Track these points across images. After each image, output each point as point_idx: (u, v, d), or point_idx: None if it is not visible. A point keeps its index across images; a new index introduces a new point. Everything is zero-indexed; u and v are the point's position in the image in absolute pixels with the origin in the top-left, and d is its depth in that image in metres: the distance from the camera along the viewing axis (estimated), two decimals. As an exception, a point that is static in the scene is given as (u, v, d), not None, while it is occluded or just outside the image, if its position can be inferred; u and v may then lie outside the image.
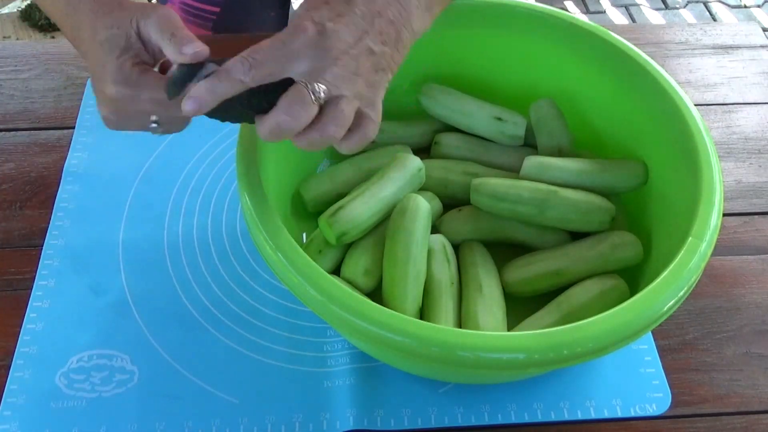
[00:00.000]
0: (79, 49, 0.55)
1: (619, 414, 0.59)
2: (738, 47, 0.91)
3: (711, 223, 0.53)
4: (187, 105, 0.47)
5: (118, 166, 0.75)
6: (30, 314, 0.64)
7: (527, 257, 0.64)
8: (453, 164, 0.70)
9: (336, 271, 0.64)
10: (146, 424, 0.58)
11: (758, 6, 2.34)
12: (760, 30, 0.94)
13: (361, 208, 0.61)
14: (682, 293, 0.50)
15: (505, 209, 0.64)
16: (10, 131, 0.79)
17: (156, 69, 0.53)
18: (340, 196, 0.64)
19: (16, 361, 0.61)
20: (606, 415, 0.59)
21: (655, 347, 0.63)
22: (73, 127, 0.79)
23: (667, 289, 0.50)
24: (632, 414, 0.59)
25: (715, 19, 2.26)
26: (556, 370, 0.61)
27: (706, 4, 2.33)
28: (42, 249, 0.68)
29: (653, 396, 0.60)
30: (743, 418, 0.60)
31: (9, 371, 0.60)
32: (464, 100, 0.72)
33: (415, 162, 0.65)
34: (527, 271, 0.63)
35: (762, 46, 0.92)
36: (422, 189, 0.67)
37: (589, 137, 0.72)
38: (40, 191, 0.73)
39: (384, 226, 0.63)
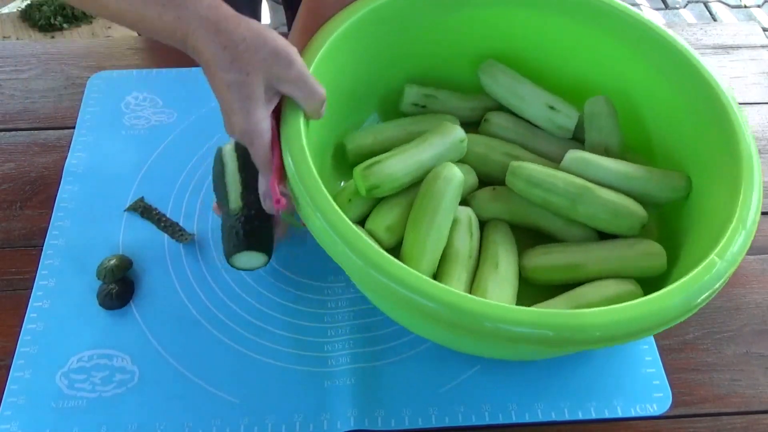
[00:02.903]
0: (195, 57, 0.56)
1: (620, 414, 0.59)
2: (738, 47, 0.91)
3: (736, 244, 0.53)
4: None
5: (118, 166, 0.75)
6: (30, 314, 0.64)
7: (549, 246, 0.65)
8: (496, 143, 0.70)
9: (362, 224, 0.64)
10: (146, 424, 0.58)
11: (758, 6, 2.34)
12: (760, 30, 0.94)
13: (396, 166, 0.63)
14: (718, 285, 0.51)
15: (537, 196, 0.64)
16: (10, 131, 0.79)
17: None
18: (381, 152, 0.65)
19: (17, 361, 0.61)
20: (606, 415, 0.59)
21: (655, 347, 0.63)
22: (73, 127, 0.79)
23: (701, 280, 0.50)
24: (633, 414, 0.59)
25: (715, 19, 2.26)
26: (556, 370, 0.61)
27: (706, 4, 2.33)
28: (42, 249, 0.68)
29: (654, 396, 0.60)
30: (743, 418, 0.60)
31: (9, 371, 0.60)
32: (522, 83, 0.72)
33: (458, 132, 0.66)
34: (546, 259, 0.63)
35: (762, 46, 0.92)
36: (462, 162, 0.68)
37: (639, 141, 0.72)
38: (40, 191, 0.73)
39: (416, 189, 0.64)
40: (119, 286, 0.64)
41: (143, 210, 0.71)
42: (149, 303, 0.65)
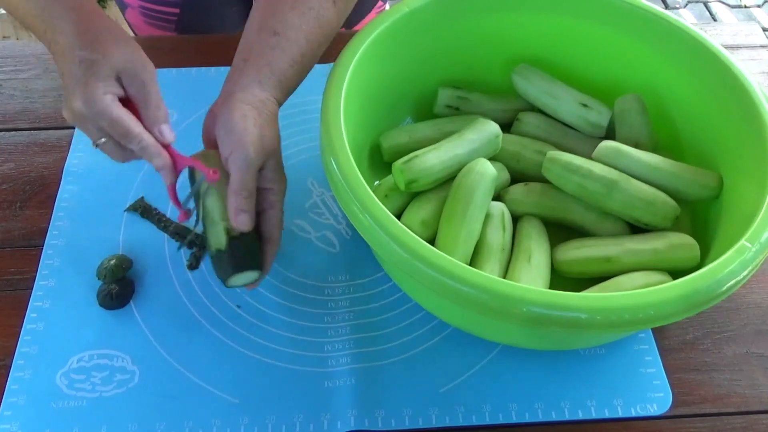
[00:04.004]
0: (50, 49, 0.59)
1: (620, 414, 0.59)
2: (738, 47, 0.91)
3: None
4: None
5: (118, 166, 0.74)
6: (30, 314, 0.64)
7: (582, 240, 0.65)
8: (529, 141, 0.71)
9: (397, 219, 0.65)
10: (146, 424, 0.58)
11: (758, 6, 2.34)
12: (760, 30, 0.94)
13: (434, 160, 0.64)
14: (747, 271, 0.51)
15: (574, 182, 0.64)
16: (10, 131, 0.79)
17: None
18: (416, 150, 0.66)
19: (17, 361, 0.61)
20: (607, 414, 0.59)
21: (655, 347, 0.63)
22: (73, 127, 0.79)
23: (734, 261, 0.51)
24: (633, 414, 0.59)
25: (715, 19, 2.26)
26: (556, 370, 0.61)
27: (706, 4, 2.33)
28: (42, 249, 0.68)
29: (654, 396, 0.60)
30: (743, 418, 0.60)
31: (9, 371, 0.60)
32: (555, 83, 0.74)
33: (493, 127, 0.67)
34: (579, 252, 0.64)
35: (762, 46, 0.92)
36: (494, 160, 0.69)
37: (669, 139, 0.72)
38: (40, 191, 0.73)
39: (451, 185, 0.65)
40: (119, 286, 0.64)
41: (143, 210, 0.71)
42: (149, 303, 0.65)
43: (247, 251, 0.59)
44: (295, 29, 0.62)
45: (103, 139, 0.57)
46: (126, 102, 0.57)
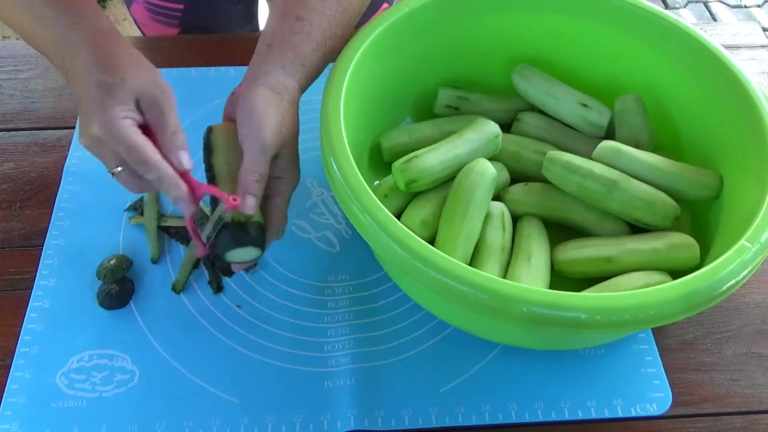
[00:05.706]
0: (66, 76, 0.58)
1: (620, 414, 0.59)
2: (738, 47, 0.91)
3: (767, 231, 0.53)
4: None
5: (118, 166, 0.75)
6: (30, 314, 0.64)
7: (582, 240, 0.65)
8: (529, 141, 0.72)
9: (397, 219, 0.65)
10: (146, 424, 0.58)
11: (758, 6, 2.34)
12: (760, 30, 0.94)
13: (434, 160, 0.64)
14: (747, 270, 0.51)
15: (574, 183, 0.64)
16: (10, 131, 0.79)
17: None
18: (416, 150, 0.66)
19: (17, 360, 0.61)
20: (607, 414, 0.59)
21: (655, 347, 0.63)
22: (73, 127, 0.79)
23: (735, 260, 0.51)
24: (633, 414, 0.59)
25: (715, 19, 2.26)
26: (556, 370, 0.61)
27: (706, 4, 2.33)
28: (42, 249, 0.68)
29: (654, 396, 0.60)
30: (743, 418, 0.60)
31: (9, 371, 0.60)
32: (555, 83, 0.74)
33: (493, 127, 0.67)
34: (579, 252, 0.64)
35: (762, 46, 0.92)
36: (494, 159, 0.69)
37: (669, 139, 0.72)
38: (40, 191, 0.73)
39: (451, 185, 0.65)
40: (119, 286, 0.64)
41: (143, 210, 0.71)
42: (149, 303, 0.65)
43: (248, 230, 0.57)
44: (318, 14, 0.62)
45: (119, 168, 0.55)
46: (146, 131, 0.55)
